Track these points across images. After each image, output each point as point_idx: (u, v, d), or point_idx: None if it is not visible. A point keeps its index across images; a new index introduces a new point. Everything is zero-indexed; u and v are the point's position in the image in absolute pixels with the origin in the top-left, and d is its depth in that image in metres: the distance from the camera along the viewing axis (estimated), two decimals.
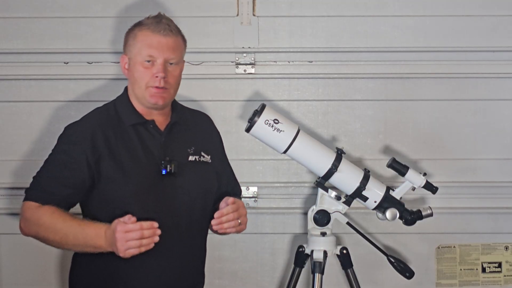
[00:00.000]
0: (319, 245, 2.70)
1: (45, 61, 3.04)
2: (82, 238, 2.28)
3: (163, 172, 2.37)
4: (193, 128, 2.55)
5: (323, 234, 2.70)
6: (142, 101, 2.43)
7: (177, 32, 2.45)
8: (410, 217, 2.67)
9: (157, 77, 2.37)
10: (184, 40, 2.49)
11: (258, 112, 2.53)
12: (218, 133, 2.68)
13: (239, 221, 2.43)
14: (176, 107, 2.53)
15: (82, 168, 2.34)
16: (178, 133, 2.49)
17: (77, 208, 2.44)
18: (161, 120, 2.47)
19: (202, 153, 2.50)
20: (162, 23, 2.41)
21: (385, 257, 2.73)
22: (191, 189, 2.44)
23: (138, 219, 2.29)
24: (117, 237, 2.19)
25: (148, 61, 2.38)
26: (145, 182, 2.37)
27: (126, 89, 2.51)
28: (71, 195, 2.36)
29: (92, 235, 2.26)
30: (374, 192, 2.64)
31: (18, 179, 3.05)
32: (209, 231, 2.55)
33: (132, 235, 2.18)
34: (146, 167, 2.37)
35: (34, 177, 2.43)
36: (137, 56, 2.39)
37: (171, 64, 2.41)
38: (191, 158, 2.47)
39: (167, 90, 2.41)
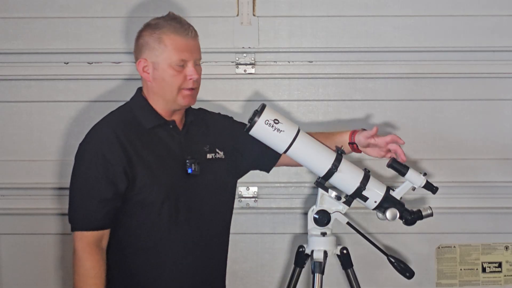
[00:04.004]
0: (319, 245, 2.69)
1: (45, 61, 3.04)
2: None
3: (189, 171, 2.39)
4: (205, 126, 2.56)
5: (323, 234, 2.70)
6: (171, 104, 2.41)
7: (197, 32, 2.46)
8: (410, 217, 2.67)
9: (190, 79, 2.39)
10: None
11: (258, 112, 2.53)
12: (227, 117, 2.68)
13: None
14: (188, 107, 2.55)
15: (119, 174, 2.30)
16: (194, 132, 2.50)
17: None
18: (178, 120, 2.48)
19: (217, 150, 2.52)
20: (184, 24, 2.42)
21: (385, 257, 2.73)
22: (213, 186, 2.47)
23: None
24: None
25: (180, 65, 2.38)
26: (174, 183, 2.37)
27: (139, 90, 2.49)
28: (115, 209, 2.33)
29: None
30: (374, 192, 2.63)
31: (18, 180, 3.05)
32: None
33: None
34: (172, 168, 2.38)
35: (70, 199, 2.37)
36: (167, 60, 2.38)
37: (197, 64, 2.44)
38: (208, 156, 2.49)
39: (196, 90, 2.45)
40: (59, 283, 3.12)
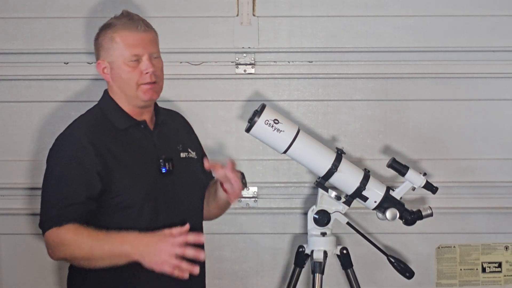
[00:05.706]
0: (319, 245, 2.70)
1: (45, 61, 3.04)
2: (107, 248, 2.22)
3: (163, 170, 2.37)
4: (175, 126, 2.56)
5: (323, 234, 2.70)
6: (134, 101, 2.39)
7: (151, 26, 2.45)
8: (410, 217, 2.67)
9: (147, 73, 2.36)
10: (156, 33, 2.47)
11: (258, 112, 2.53)
12: (192, 127, 2.68)
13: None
14: (156, 106, 2.53)
15: (93, 178, 2.28)
16: (167, 131, 2.48)
17: None
18: (148, 119, 2.46)
19: (189, 149, 2.51)
20: (135, 19, 2.40)
21: (385, 257, 2.73)
22: (189, 185, 2.45)
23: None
24: (162, 248, 2.15)
25: (134, 60, 2.37)
26: (152, 183, 2.36)
27: (106, 93, 2.46)
28: (88, 211, 2.29)
29: (118, 242, 2.21)
30: (374, 192, 2.64)
31: (18, 180, 3.05)
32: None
33: (177, 250, 2.14)
34: (149, 168, 2.37)
35: (42, 203, 2.35)
36: (120, 58, 2.36)
37: (154, 58, 2.40)
38: (182, 155, 2.47)
39: (157, 84, 2.40)
40: (59, 283, 3.12)
